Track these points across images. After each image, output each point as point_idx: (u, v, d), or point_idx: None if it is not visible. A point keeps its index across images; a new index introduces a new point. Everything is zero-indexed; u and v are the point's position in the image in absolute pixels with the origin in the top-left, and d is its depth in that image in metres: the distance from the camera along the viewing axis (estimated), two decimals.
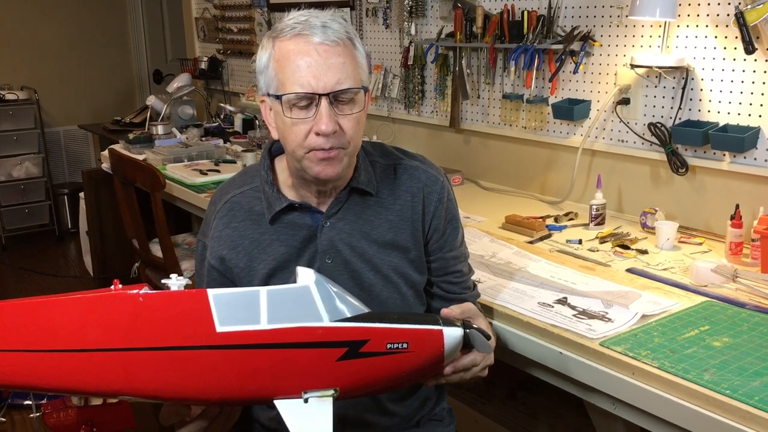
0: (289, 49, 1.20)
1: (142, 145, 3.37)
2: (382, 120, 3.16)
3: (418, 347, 1.06)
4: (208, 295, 0.94)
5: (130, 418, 2.60)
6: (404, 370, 1.06)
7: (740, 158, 1.92)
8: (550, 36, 2.33)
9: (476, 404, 2.33)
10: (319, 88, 1.18)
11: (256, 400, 1.01)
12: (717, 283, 1.61)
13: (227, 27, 4.24)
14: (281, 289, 0.98)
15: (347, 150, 1.24)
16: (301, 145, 1.22)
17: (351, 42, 1.23)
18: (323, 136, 1.20)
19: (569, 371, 1.38)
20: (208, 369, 0.93)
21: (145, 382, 0.91)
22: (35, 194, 5.12)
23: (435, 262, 1.41)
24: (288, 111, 1.21)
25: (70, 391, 0.91)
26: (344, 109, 1.21)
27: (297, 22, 1.21)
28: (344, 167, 1.26)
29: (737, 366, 1.23)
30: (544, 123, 2.45)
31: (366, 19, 3.14)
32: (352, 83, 1.21)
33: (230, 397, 0.97)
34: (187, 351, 0.92)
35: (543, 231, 2.04)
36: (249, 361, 0.94)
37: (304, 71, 1.18)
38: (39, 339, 0.88)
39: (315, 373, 0.97)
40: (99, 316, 0.89)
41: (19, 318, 0.89)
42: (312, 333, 0.97)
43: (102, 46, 5.67)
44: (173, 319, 0.92)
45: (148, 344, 0.90)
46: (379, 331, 1.02)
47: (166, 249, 2.69)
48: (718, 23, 1.92)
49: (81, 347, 0.88)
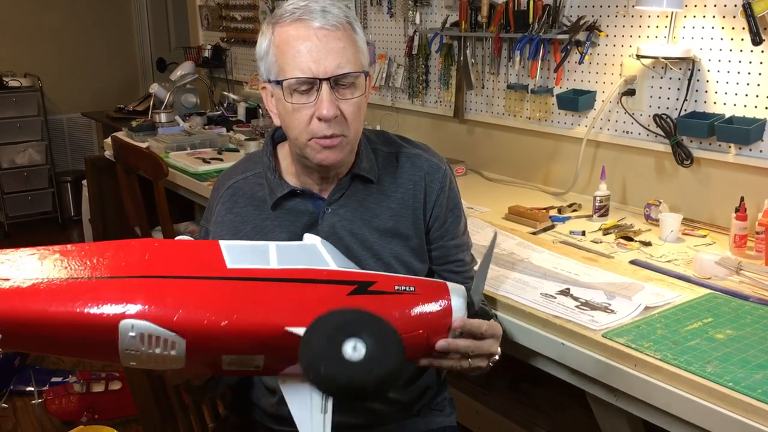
0: (289, 35, 1.20)
1: (145, 133, 3.37)
2: (386, 110, 3.15)
3: (425, 292, 1.11)
4: (220, 244, 1.02)
5: (131, 405, 2.60)
6: (414, 313, 1.08)
7: (746, 150, 1.91)
8: (556, 26, 2.31)
9: (478, 395, 2.33)
10: (319, 73, 1.18)
11: (267, 333, 0.98)
12: (721, 276, 1.61)
13: (231, 15, 4.23)
14: (290, 244, 1.06)
15: (348, 137, 1.24)
16: (303, 131, 1.22)
17: (351, 26, 1.23)
18: (325, 121, 1.20)
19: (571, 362, 1.38)
20: (220, 298, 0.96)
21: (163, 305, 0.93)
22: (38, 181, 5.12)
23: (436, 250, 1.40)
24: (289, 96, 1.21)
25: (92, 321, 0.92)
26: (345, 93, 1.21)
27: (296, 7, 1.21)
28: (346, 153, 1.26)
29: (740, 358, 1.23)
30: (549, 114, 2.44)
31: (370, 8, 3.12)
32: (352, 67, 1.21)
33: (242, 327, 0.96)
34: (199, 281, 0.96)
35: (546, 222, 2.03)
36: (260, 292, 0.98)
37: (305, 56, 1.18)
38: (70, 271, 0.94)
39: (327, 306, 0.97)
40: (118, 253, 0.97)
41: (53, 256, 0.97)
42: (321, 273, 1.03)
43: (106, 33, 5.66)
44: (186, 257, 0.99)
45: (163, 273, 0.95)
46: (386, 276, 1.10)
47: (168, 237, 2.69)
48: (725, 14, 1.90)
49: (104, 275, 0.94)
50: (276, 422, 1.41)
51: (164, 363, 0.94)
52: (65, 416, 2.77)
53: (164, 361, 0.93)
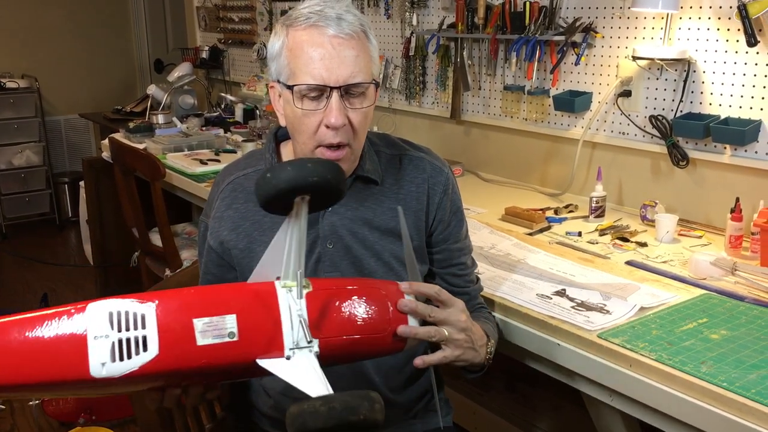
0: (303, 40, 1.19)
1: (143, 134, 3.37)
2: (383, 111, 3.15)
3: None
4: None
5: (128, 406, 2.61)
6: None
7: (741, 151, 1.92)
8: (552, 27, 2.32)
9: (475, 396, 2.34)
10: (331, 81, 1.18)
11: (243, 366, 0.98)
12: (716, 276, 1.61)
13: (228, 16, 4.23)
14: None
15: (353, 147, 1.25)
16: (311, 138, 1.23)
17: (365, 35, 1.22)
18: (332, 129, 1.20)
19: (567, 363, 1.38)
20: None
21: None
22: (36, 183, 5.12)
23: (439, 253, 1.41)
24: (299, 102, 1.21)
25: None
26: (354, 102, 1.22)
27: (312, 12, 1.20)
28: (350, 164, 1.28)
29: (734, 359, 1.24)
30: (545, 115, 2.45)
31: (368, 9, 3.12)
32: (364, 77, 1.21)
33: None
34: None
35: (543, 223, 2.03)
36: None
37: (317, 63, 1.18)
38: None
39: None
40: None
41: None
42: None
43: (103, 35, 5.66)
44: None
45: None
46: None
47: (165, 238, 2.69)
48: (720, 15, 1.91)
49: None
50: (273, 424, 1.41)
51: None
52: (63, 417, 2.77)
53: None
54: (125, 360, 0.89)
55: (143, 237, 2.89)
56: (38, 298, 3.65)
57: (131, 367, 0.89)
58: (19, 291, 4.12)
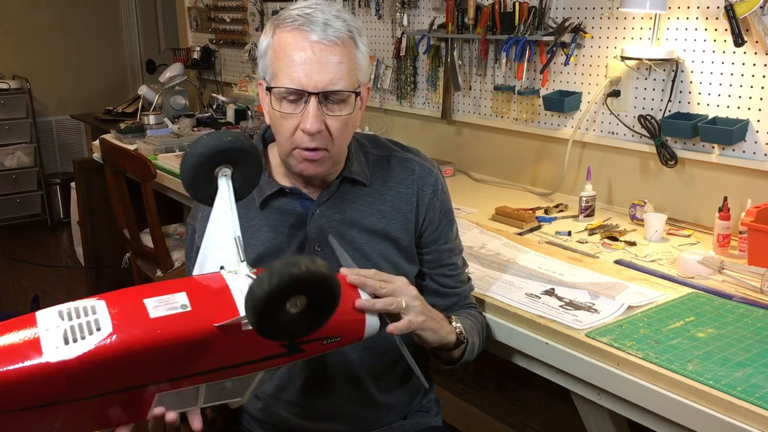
0: (287, 42, 1.19)
1: (134, 135, 3.36)
2: (374, 111, 3.15)
3: None
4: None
5: None
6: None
7: (729, 151, 1.93)
8: (542, 27, 2.33)
9: (465, 395, 2.34)
10: (309, 86, 1.18)
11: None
12: (704, 275, 1.62)
13: (220, 17, 4.22)
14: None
15: (331, 152, 1.24)
16: (288, 139, 1.23)
17: (353, 42, 1.21)
18: (308, 134, 1.20)
19: (555, 362, 1.39)
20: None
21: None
22: (27, 184, 5.11)
23: (429, 254, 1.41)
24: (277, 103, 1.21)
25: None
26: (333, 109, 1.21)
27: (300, 14, 1.19)
28: (328, 167, 1.27)
29: (721, 357, 1.24)
30: (535, 115, 2.46)
31: (358, 9, 3.13)
32: (344, 85, 1.19)
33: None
34: None
35: (533, 222, 2.04)
36: None
37: (298, 67, 1.17)
38: None
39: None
40: None
41: None
42: None
43: (95, 35, 5.65)
44: None
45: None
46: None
47: (156, 239, 2.69)
48: (708, 15, 1.92)
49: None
50: (262, 427, 1.41)
51: None
52: None
53: None
54: (79, 341, 0.87)
55: (134, 238, 2.88)
56: (29, 300, 3.64)
57: (86, 347, 0.87)
58: (10, 293, 4.11)
